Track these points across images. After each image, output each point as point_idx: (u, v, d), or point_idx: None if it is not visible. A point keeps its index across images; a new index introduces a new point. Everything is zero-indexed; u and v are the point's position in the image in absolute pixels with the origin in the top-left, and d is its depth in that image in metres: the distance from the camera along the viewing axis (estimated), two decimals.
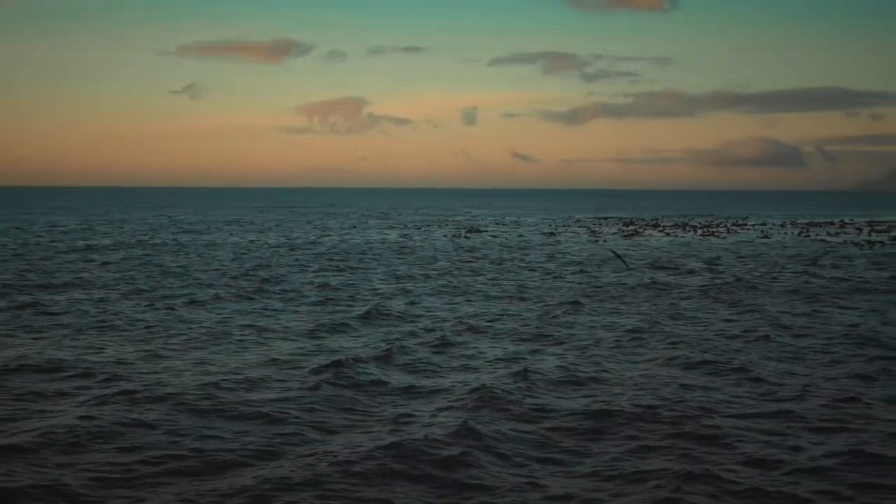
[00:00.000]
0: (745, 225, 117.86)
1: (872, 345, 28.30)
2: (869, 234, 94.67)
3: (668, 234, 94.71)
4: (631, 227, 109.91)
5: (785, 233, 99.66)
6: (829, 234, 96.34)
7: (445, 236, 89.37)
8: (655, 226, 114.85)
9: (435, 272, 51.57)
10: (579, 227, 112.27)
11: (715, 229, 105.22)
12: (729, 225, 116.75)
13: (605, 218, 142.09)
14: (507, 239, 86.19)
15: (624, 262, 40.92)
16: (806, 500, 14.80)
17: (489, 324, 32.55)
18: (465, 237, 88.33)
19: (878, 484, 15.52)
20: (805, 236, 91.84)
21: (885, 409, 20.29)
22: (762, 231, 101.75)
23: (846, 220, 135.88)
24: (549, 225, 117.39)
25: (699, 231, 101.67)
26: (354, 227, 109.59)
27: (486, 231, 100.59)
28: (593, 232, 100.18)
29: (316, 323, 32.27)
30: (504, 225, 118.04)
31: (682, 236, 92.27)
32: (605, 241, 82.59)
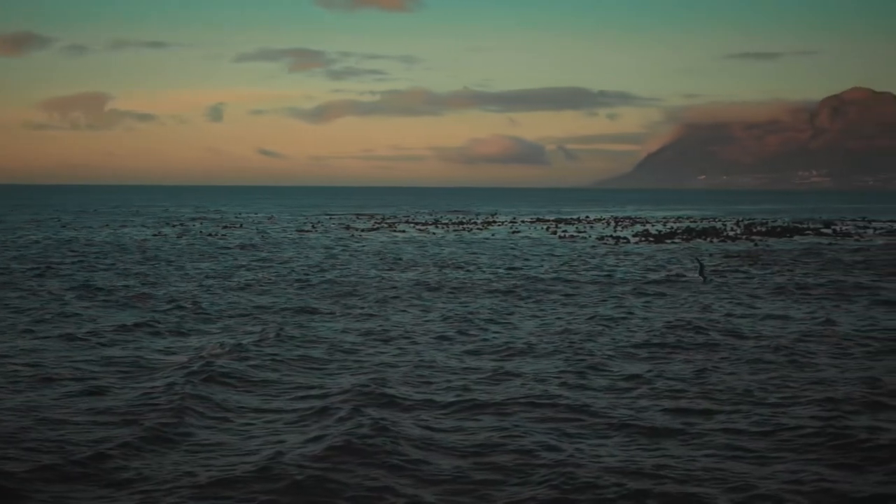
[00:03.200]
0: (496, 221, 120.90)
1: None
2: (614, 230, 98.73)
3: (420, 231, 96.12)
4: (384, 223, 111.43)
5: (535, 227, 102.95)
6: (576, 230, 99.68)
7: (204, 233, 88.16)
8: (408, 221, 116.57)
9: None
10: (334, 223, 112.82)
11: (466, 225, 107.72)
12: (480, 221, 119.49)
13: (359, 215, 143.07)
14: (266, 235, 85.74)
15: (703, 273, 41.64)
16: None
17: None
18: (223, 234, 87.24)
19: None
20: (552, 233, 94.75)
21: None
22: (512, 227, 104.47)
23: (591, 216, 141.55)
24: (302, 222, 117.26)
25: (451, 227, 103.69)
26: (107, 225, 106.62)
27: (245, 228, 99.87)
28: (348, 227, 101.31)
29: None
30: (260, 222, 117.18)
31: (435, 232, 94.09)
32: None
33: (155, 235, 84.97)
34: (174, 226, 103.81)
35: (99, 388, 21.94)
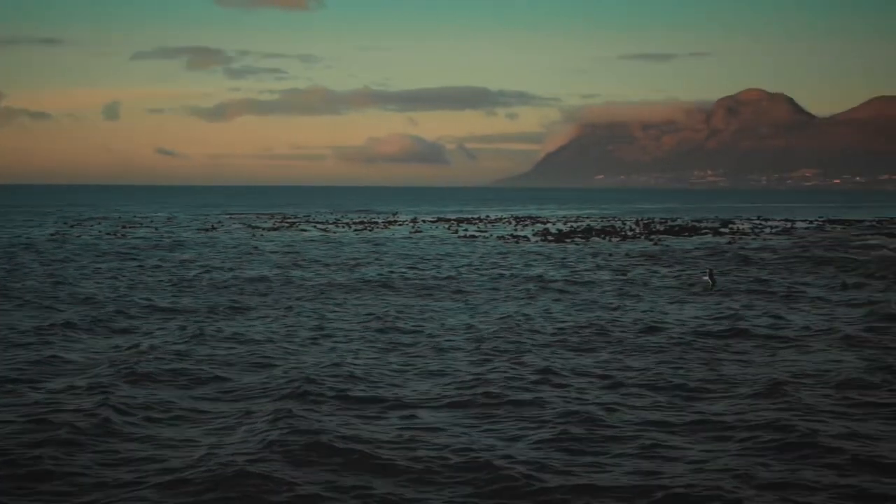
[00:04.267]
0: (398, 220, 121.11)
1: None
2: (515, 230, 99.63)
3: (323, 231, 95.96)
4: (286, 222, 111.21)
5: (436, 227, 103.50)
6: (478, 229, 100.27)
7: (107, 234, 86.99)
8: (310, 221, 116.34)
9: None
10: (236, 222, 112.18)
11: (368, 224, 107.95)
12: (381, 221, 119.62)
13: (260, 214, 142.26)
14: (162, 236, 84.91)
15: (713, 281, 42.25)
16: None
17: None
18: (124, 234, 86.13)
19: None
20: (454, 232, 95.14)
21: None
22: (414, 227, 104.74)
23: (491, 215, 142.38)
24: (203, 221, 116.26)
25: (353, 227, 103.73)
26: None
27: (146, 227, 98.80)
28: (250, 227, 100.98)
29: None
30: (157, 223, 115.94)
31: (337, 231, 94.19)
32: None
33: (54, 235, 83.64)
34: (72, 225, 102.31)
35: (15, 391, 21.73)
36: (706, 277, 43.50)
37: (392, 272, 50.94)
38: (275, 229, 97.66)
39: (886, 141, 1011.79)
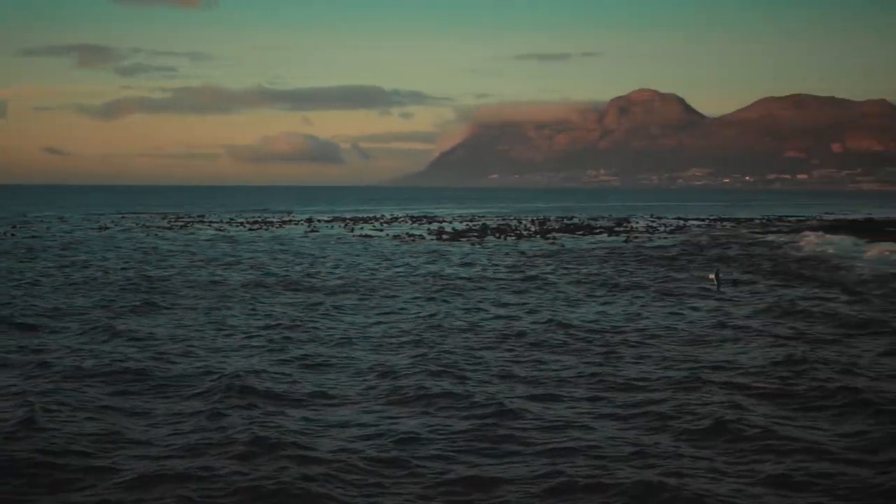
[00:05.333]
0: (293, 220, 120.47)
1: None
2: (410, 228, 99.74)
3: (218, 230, 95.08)
4: (179, 222, 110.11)
5: (332, 226, 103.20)
6: (374, 228, 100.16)
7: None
8: (204, 221, 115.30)
9: None
10: (130, 222, 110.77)
11: (263, 224, 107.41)
12: (276, 220, 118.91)
13: (153, 213, 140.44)
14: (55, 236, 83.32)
15: (717, 280, 42.04)
16: None
17: None
18: (13, 233, 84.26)
19: None
20: (350, 231, 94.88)
21: None
22: (310, 226, 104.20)
23: (387, 214, 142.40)
24: (96, 221, 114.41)
25: (248, 226, 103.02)
26: None
27: (36, 227, 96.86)
28: (146, 227, 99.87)
29: None
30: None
31: (230, 230, 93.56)
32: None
33: None
34: None
35: None
36: (711, 276, 44.01)
37: (287, 272, 50.57)
38: (169, 228, 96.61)
39: (774, 141, 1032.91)
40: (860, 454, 17.01)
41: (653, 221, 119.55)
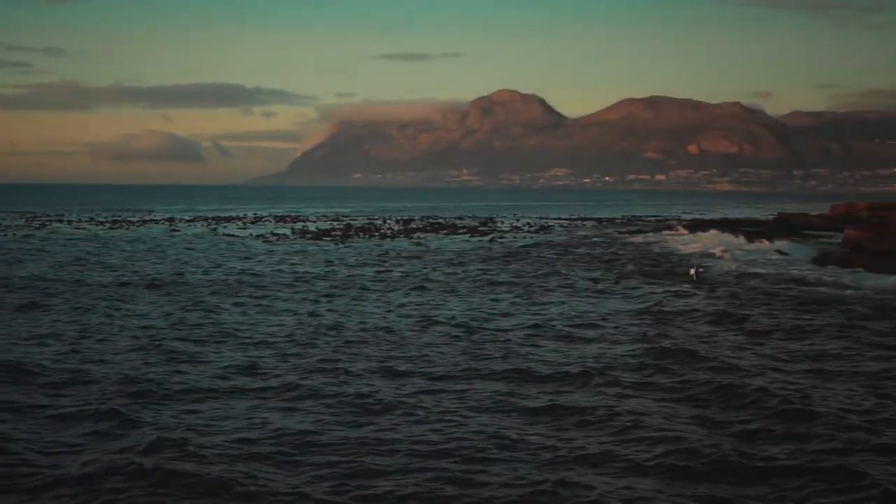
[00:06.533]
0: (154, 219, 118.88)
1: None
2: (274, 228, 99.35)
3: (76, 229, 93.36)
4: (37, 221, 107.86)
5: (194, 226, 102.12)
6: (237, 228, 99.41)
7: None
8: (61, 220, 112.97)
9: None
10: None
11: (123, 223, 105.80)
12: (136, 219, 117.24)
13: (8, 213, 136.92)
14: None
15: (696, 273, 46.24)
16: None
17: None
18: None
19: None
20: (213, 231, 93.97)
21: None
22: (171, 226, 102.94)
23: (250, 214, 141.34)
24: None
25: (106, 225, 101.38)
26: None
27: None
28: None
29: None
30: None
31: (89, 229, 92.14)
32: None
33: None
34: None
35: None
36: (692, 271, 46.57)
37: (150, 272, 49.86)
38: (25, 228, 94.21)
39: (634, 142, 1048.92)
40: (720, 438, 17.70)
41: (516, 221, 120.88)
